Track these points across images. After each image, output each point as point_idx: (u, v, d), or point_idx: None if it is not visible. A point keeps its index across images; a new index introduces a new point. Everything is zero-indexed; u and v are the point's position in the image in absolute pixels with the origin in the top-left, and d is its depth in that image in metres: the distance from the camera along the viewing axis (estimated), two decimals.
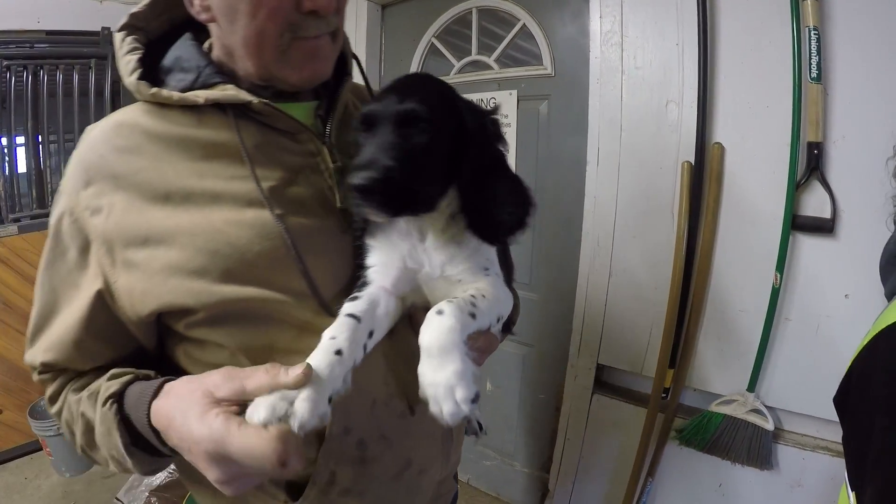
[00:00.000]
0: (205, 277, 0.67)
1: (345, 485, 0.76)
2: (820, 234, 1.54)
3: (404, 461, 0.81)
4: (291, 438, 0.54)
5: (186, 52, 0.77)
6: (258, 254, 0.68)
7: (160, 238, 0.68)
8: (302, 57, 0.73)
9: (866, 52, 1.43)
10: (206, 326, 0.70)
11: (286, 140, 0.77)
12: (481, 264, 0.73)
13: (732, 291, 1.72)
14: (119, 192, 0.69)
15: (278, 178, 0.73)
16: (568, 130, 2.03)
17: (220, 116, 0.74)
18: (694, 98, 1.66)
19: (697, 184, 1.69)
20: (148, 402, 0.64)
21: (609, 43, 1.83)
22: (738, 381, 1.72)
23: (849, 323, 1.51)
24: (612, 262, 1.93)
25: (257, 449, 0.53)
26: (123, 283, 0.69)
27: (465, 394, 0.56)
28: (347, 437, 0.74)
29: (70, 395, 0.75)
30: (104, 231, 0.69)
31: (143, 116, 0.74)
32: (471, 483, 2.61)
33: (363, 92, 0.96)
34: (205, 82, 0.74)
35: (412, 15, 2.43)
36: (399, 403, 0.79)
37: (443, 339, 0.59)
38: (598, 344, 2.01)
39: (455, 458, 0.97)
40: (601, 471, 2.11)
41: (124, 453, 0.67)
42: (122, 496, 2.21)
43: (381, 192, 0.61)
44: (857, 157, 1.47)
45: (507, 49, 2.19)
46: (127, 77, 0.75)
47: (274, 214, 0.70)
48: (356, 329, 0.64)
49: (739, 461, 1.72)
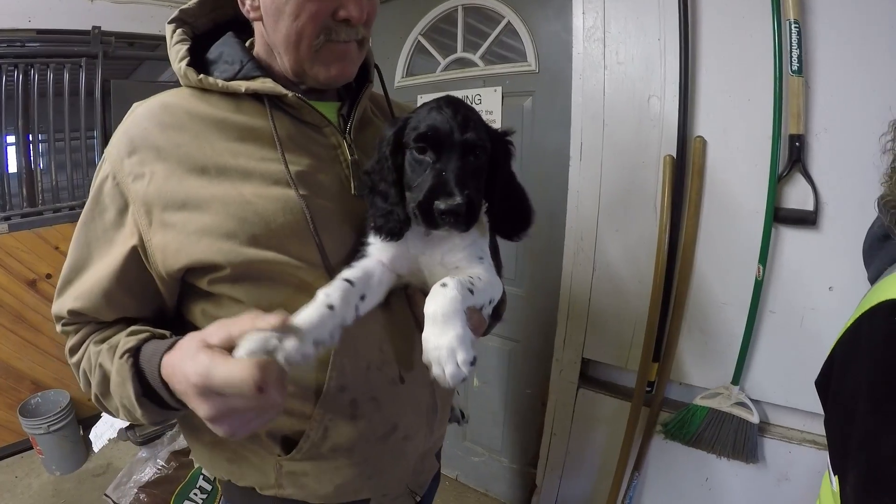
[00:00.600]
0: (233, 240, 0.76)
1: (336, 440, 0.84)
2: (803, 226, 1.55)
3: (391, 425, 0.89)
4: (271, 368, 0.58)
5: (230, 48, 0.89)
6: (282, 225, 0.78)
7: (196, 204, 0.77)
8: (332, 57, 0.85)
9: (847, 44, 1.44)
10: (228, 283, 0.79)
11: (311, 131, 0.88)
12: (476, 254, 0.82)
13: (716, 285, 1.72)
14: (161, 163, 0.78)
15: (306, 165, 0.84)
16: (551, 126, 2.04)
17: (257, 105, 0.85)
18: (676, 92, 1.67)
19: (679, 177, 1.69)
20: (160, 356, 0.71)
21: (592, 38, 1.83)
22: (723, 375, 1.73)
23: (833, 315, 1.50)
24: (595, 257, 1.93)
25: (236, 375, 0.57)
26: (158, 241, 0.77)
27: (465, 356, 0.63)
28: (342, 394, 0.82)
29: (91, 347, 0.83)
30: (145, 195, 0.77)
31: (186, 99, 0.85)
32: (459, 479, 2.62)
33: (379, 99, 1.06)
34: (246, 74, 0.85)
35: (399, 13, 2.44)
36: (391, 370, 0.87)
37: (446, 307, 0.66)
38: (583, 338, 2.02)
39: (439, 433, 1.05)
40: (588, 465, 2.11)
41: (135, 402, 0.74)
42: (111, 492, 2.22)
43: (464, 214, 0.72)
44: (840, 149, 1.47)
45: (491, 46, 2.20)
46: (176, 63, 0.86)
47: (298, 194, 0.79)
48: (349, 291, 0.72)
49: (725, 455, 1.73)
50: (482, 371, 2.46)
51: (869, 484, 0.81)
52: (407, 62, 2.47)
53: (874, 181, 1.40)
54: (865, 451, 0.81)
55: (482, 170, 0.80)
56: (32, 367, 2.75)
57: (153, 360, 0.72)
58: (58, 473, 2.68)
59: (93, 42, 2.75)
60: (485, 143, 0.78)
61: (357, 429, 0.85)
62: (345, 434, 0.84)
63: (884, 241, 0.99)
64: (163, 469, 2.22)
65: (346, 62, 0.86)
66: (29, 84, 2.69)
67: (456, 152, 0.76)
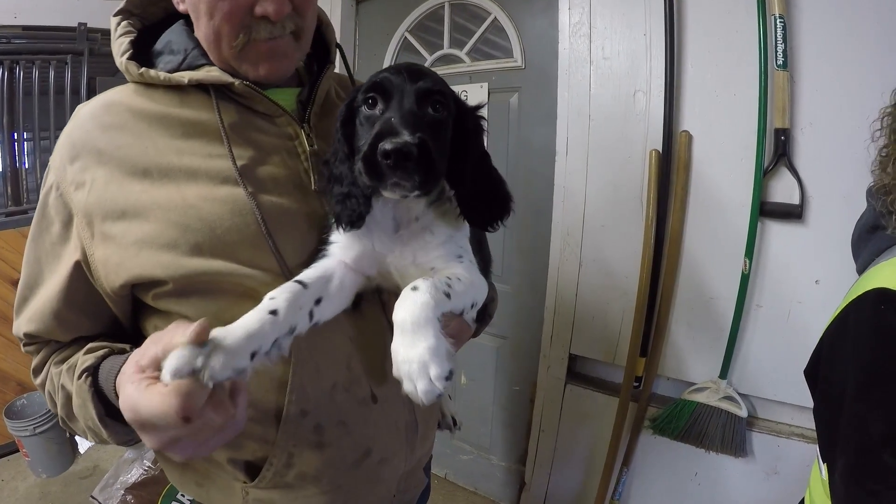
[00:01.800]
0: (175, 250, 0.69)
1: (301, 468, 0.76)
2: (789, 220, 1.55)
3: (363, 450, 0.81)
4: (194, 392, 0.52)
5: (177, 37, 0.82)
6: (228, 229, 0.71)
7: (136, 212, 0.70)
8: (258, 56, 0.77)
9: (832, 39, 1.44)
10: (173, 298, 0.72)
11: (264, 122, 0.80)
12: (454, 252, 0.74)
13: (703, 279, 1.72)
14: (102, 167, 0.72)
15: (250, 158, 0.76)
16: (538, 122, 2.04)
17: (203, 97, 0.77)
18: (661, 87, 1.67)
19: (665, 172, 1.70)
20: (115, 375, 0.66)
21: (578, 34, 1.83)
22: (711, 369, 1.73)
23: (820, 309, 1.50)
24: (582, 252, 1.93)
25: (158, 407, 0.52)
26: (100, 255, 0.71)
27: (439, 370, 0.55)
28: (304, 419, 0.74)
29: (52, 368, 0.78)
30: (86, 205, 0.71)
31: (130, 96, 0.78)
32: (448, 478, 2.61)
33: (347, 81, 0.98)
34: (190, 64, 0.78)
35: (386, 10, 2.45)
36: (361, 390, 0.79)
37: (416, 314, 0.59)
38: (570, 334, 2.01)
39: (422, 450, 0.95)
40: (577, 462, 2.11)
41: (99, 424, 0.70)
42: (98, 494, 2.19)
43: (415, 160, 0.59)
44: (825, 143, 1.48)
45: (478, 43, 2.21)
46: (118, 58, 0.79)
47: (247, 192, 0.72)
48: (299, 294, 0.64)
49: (714, 449, 1.72)
50: (470, 369, 2.45)
51: (856, 470, 0.82)
52: (393, 59, 2.47)
53: (859, 174, 1.42)
54: (853, 437, 0.83)
55: (443, 128, 0.68)
56: (17, 369, 2.71)
57: (109, 380, 0.67)
58: (44, 476, 2.65)
59: (79, 39, 2.73)
60: (445, 95, 0.68)
61: (324, 456, 0.77)
62: (311, 462, 0.77)
63: (872, 231, 1.00)
64: (150, 470, 2.19)
65: (276, 60, 0.78)
66: (14, 81, 2.67)
67: (409, 97, 0.65)
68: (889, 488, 0.77)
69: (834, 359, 0.91)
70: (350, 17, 2.55)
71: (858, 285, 0.89)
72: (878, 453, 0.78)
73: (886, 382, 0.79)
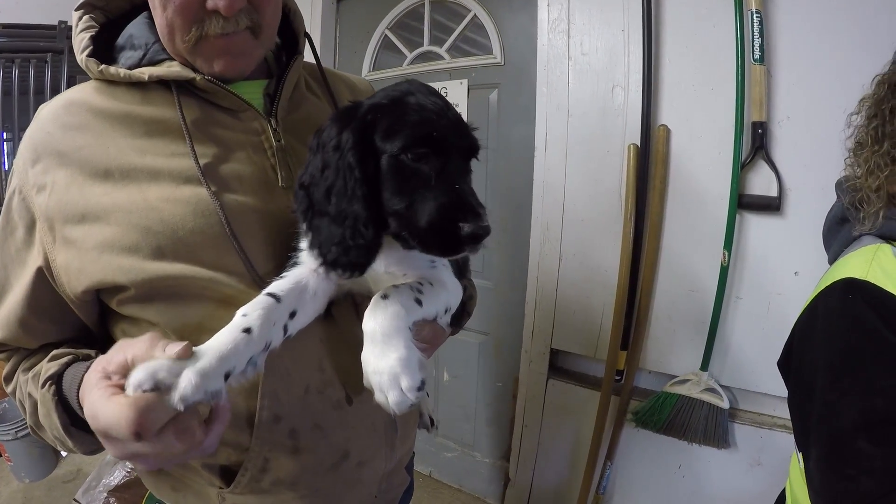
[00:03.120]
0: (136, 254, 0.66)
1: (278, 474, 0.74)
2: (767, 212, 1.57)
3: (341, 453, 0.78)
4: (154, 409, 0.50)
5: (138, 30, 0.78)
6: (191, 231, 0.68)
7: (97, 215, 0.67)
8: (212, 52, 0.73)
9: (808, 33, 1.46)
10: (137, 303, 0.69)
11: (227, 117, 0.77)
12: (426, 257, 0.70)
13: (682, 272, 1.73)
14: (62, 169, 0.69)
15: (213, 155, 0.73)
16: (517, 118, 2.05)
17: (165, 93, 0.74)
18: (639, 82, 1.68)
19: (644, 166, 1.71)
20: (77, 384, 0.64)
21: (556, 30, 1.84)
22: (692, 361, 1.73)
23: (799, 300, 1.47)
24: (561, 247, 1.94)
25: (112, 416, 0.50)
26: (62, 261, 0.69)
27: (410, 382, 0.55)
28: (278, 425, 0.72)
29: (20, 375, 0.76)
30: (47, 208, 0.69)
31: (92, 94, 0.75)
32: (432, 476, 2.60)
33: (317, 72, 0.94)
34: (151, 59, 0.75)
35: (366, 8, 2.45)
36: (335, 392, 0.77)
37: (386, 325, 0.58)
38: (552, 329, 2.01)
39: (403, 450, 0.93)
40: (560, 456, 2.11)
41: (63, 433, 0.67)
42: (80, 497, 2.17)
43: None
44: (802, 136, 1.50)
45: (457, 40, 2.22)
46: (78, 55, 0.75)
47: (210, 191, 0.69)
48: (273, 309, 0.62)
49: (697, 441, 1.73)
50: (452, 365, 2.44)
51: (831, 457, 0.82)
52: (374, 57, 2.48)
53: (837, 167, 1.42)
54: (826, 425, 0.83)
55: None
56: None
57: (72, 388, 0.64)
58: (27, 481, 2.62)
59: (59, 37, 2.69)
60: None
61: (300, 461, 0.75)
62: (287, 468, 0.74)
63: (841, 223, 1.01)
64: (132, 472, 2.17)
65: (232, 57, 0.74)
66: None
67: (462, 158, 0.64)
68: (865, 472, 0.77)
69: (804, 349, 0.92)
70: (331, 15, 2.55)
71: (827, 276, 0.90)
72: (852, 439, 0.79)
73: (856, 370, 0.80)
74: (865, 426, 0.78)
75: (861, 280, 0.81)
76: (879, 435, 0.77)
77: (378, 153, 0.62)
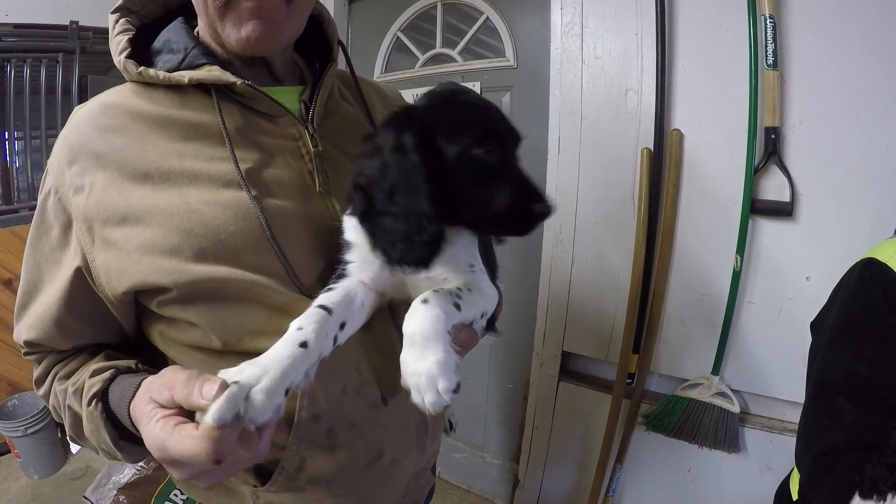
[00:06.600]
0: (178, 256, 0.67)
1: (314, 472, 0.76)
2: (779, 217, 1.57)
3: (376, 451, 0.80)
4: (225, 435, 0.52)
5: (176, 35, 0.78)
6: (232, 234, 0.68)
7: (137, 217, 0.68)
8: (241, 15, 0.71)
9: (821, 38, 1.46)
10: (178, 305, 0.70)
11: (266, 122, 0.78)
12: (467, 261, 0.72)
13: (694, 276, 1.73)
14: (101, 171, 0.70)
15: (254, 160, 0.74)
16: (529, 121, 2.04)
17: (204, 97, 0.74)
18: (653, 86, 1.68)
19: (657, 170, 1.70)
20: (128, 403, 0.65)
21: (569, 34, 1.84)
22: (703, 365, 1.74)
23: (810, 305, 1.49)
24: (574, 250, 1.94)
25: (189, 449, 0.52)
26: (101, 262, 0.69)
27: (447, 384, 0.56)
28: (316, 424, 0.73)
29: (56, 384, 0.77)
30: (85, 209, 0.69)
31: (129, 97, 0.75)
32: (442, 476, 2.61)
33: (349, 79, 0.94)
34: (191, 63, 0.75)
35: (378, 10, 2.45)
36: (371, 392, 0.78)
37: (427, 328, 0.59)
38: (563, 331, 2.02)
39: (432, 449, 0.95)
40: (570, 459, 2.11)
41: (114, 448, 0.70)
42: (90, 494, 2.18)
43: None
44: (815, 141, 1.50)
45: (470, 42, 2.22)
46: (116, 56, 0.76)
47: (250, 195, 0.70)
48: (326, 321, 0.63)
49: (707, 445, 1.73)
50: (463, 367, 2.38)
51: (814, 405, 0.99)
52: (386, 59, 2.48)
53: (849, 172, 1.44)
54: (816, 377, 0.99)
55: None
56: (9, 369, 2.70)
57: (122, 407, 0.66)
58: (36, 477, 2.63)
59: (70, 37, 2.69)
60: None
61: (336, 460, 0.76)
62: (323, 466, 0.76)
63: None
64: (142, 470, 2.18)
65: (263, 21, 0.72)
66: (5, 80, 2.64)
67: (515, 146, 0.68)
68: (839, 425, 0.91)
69: (826, 313, 1.05)
70: (342, 17, 2.55)
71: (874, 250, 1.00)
72: (835, 395, 0.93)
73: (850, 335, 0.94)
74: (847, 386, 0.91)
75: (882, 263, 0.92)
76: (858, 397, 0.90)
77: (440, 151, 0.65)
